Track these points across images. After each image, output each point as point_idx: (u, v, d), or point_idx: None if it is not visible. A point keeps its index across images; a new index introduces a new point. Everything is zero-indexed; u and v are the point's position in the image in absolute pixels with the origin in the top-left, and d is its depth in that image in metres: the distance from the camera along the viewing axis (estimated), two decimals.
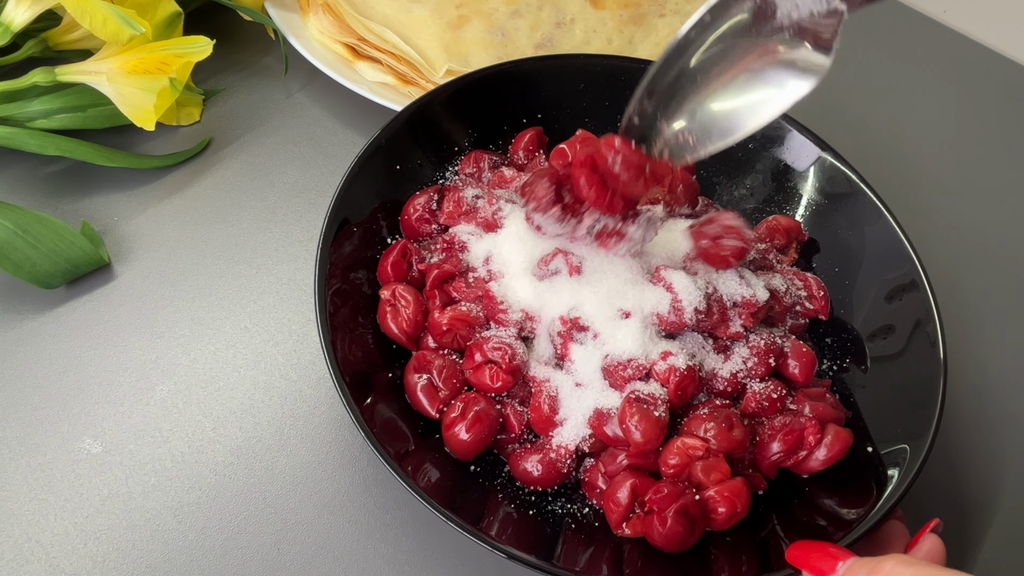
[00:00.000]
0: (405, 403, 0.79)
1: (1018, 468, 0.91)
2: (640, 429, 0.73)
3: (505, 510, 0.75)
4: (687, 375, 0.77)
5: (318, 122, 1.10)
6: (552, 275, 0.80)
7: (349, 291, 0.81)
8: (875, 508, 0.72)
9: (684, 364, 0.77)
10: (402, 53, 1.07)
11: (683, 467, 0.74)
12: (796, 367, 0.82)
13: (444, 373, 0.79)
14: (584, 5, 1.15)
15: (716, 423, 0.75)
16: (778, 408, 0.80)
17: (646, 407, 0.74)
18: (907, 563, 0.57)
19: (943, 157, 1.18)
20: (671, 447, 0.75)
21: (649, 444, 0.73)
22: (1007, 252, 1.09)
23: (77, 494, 0.80)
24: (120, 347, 0.89)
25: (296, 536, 0.80)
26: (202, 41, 0.98)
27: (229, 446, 0.84)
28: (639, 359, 0.77)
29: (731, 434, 0.75)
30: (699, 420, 0.76)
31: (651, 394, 0.75)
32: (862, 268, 0.88)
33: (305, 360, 0.90)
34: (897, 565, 0.57)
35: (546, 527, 0.75)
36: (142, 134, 1.04)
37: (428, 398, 0.77)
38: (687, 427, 0.77)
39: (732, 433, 0.75)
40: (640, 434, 0.73)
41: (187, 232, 0.98)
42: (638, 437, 0.73)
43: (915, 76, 1.29)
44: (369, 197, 0.86)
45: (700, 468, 0.73)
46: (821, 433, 0.76)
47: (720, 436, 0.74)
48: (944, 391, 0.77)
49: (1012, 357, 0.99)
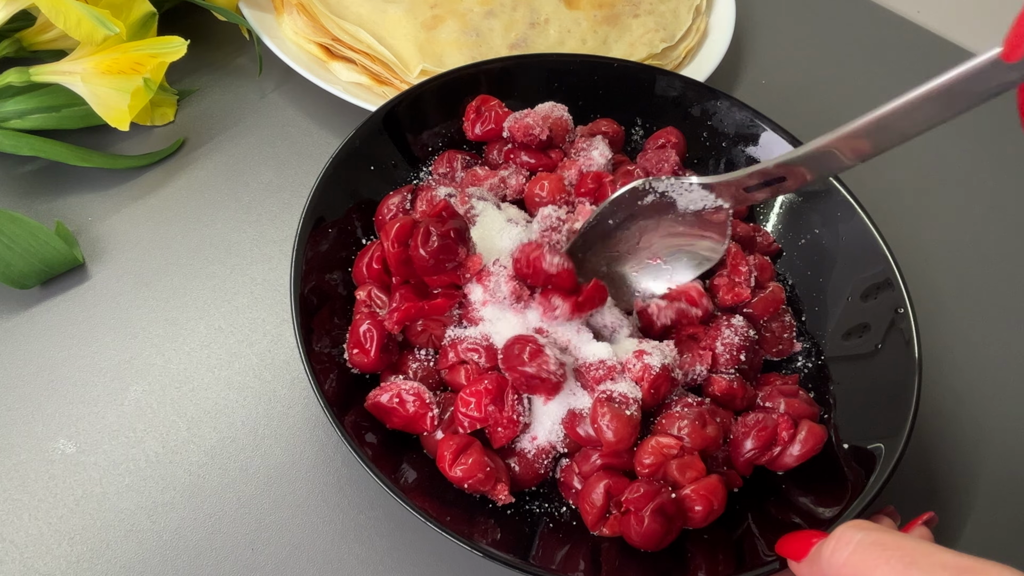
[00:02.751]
0: None
1: (993, 465, 0.92)
2: (612, 428, 0.72)
3: (482, 510, 0.75)
4: (661, 375, 0.76)
5: (292, 122, 1.10)
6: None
7: (324, 292, 0.81)
8: (851, 506, 0.72)
9: (659, 364, 0.77)
10: (376, 53, 1.07)
11: (658, 466, 0.74)
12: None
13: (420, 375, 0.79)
14: (558, 5, 1.15)
15: (690, 421, 0.75)
16: (745, 392, 0.81)
17: (617, 406, 0.74)
18: (857, 527, 0.59)
19: (917, 155, 1.19)
20: (646, 446, 0.74)
21: (621, 443, 0.73)
22: (981, 250, 1.10)
23: (51, 494, 0.80)
24: (94, 347, 0.89)
25: (270, 536, 0.79)
26: (176, 41, 0.97)
27: (203, 446, 0.84)
28: (609, 360, 0.77)
29: (704, 431, 0.75)
30: (673, 418, 0.76)
31: (623, 394, 0.75)
32: (836, 267, 0.89)
33: (279, 360, 0.90)
34: (847, 530, 0.59)
35: (523, 526, 0.75)
36: (116, 134, 1.04)
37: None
38: (661, 426, 0.77)
39: (706, 430, 0.75)
40: (612, 433, 0.72)
41: (161, 232, 0.97)
42: (610, 436, 0.72)
43: (889, 76, 1.30)
44: (344, 197, 0.86)
45: (675, 467, 0.73)
46: (794, 429, 0.76)
47: (694, 434, 0.74)
48: (919, 388, 0.78)
49: (987, 354, 1.00)
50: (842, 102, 1.25)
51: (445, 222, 0.78)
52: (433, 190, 0.87)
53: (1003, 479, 0.91)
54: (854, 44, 1.35)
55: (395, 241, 0.78)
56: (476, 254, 0.80)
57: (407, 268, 0.79)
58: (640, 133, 1.00)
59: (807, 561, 0.63)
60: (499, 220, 0.85)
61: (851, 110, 1.12)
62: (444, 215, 0.78)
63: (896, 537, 0.57)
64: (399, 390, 0.76)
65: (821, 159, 0.75)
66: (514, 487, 0.76)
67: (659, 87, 0.99)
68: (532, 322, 0.79)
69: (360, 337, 0.78)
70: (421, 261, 0.77)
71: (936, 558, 0.54)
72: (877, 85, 1.28)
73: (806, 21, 1.37)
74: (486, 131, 0.93)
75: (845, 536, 0.58)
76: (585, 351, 0.78)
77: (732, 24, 1.23)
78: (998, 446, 0.93)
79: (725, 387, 0.81)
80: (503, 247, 0.83)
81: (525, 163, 0.92)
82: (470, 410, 0.75)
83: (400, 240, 0.78)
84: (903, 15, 1.40)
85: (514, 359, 0.75)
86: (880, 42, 1.36)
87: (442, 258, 0.77)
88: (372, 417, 0.77)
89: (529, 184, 0.90)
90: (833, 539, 0.59)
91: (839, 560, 0.58)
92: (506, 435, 0.76)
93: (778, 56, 1.31)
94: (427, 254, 0.77)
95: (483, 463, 0.74)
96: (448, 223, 0.78)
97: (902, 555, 0.55)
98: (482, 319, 0.80)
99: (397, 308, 0.78)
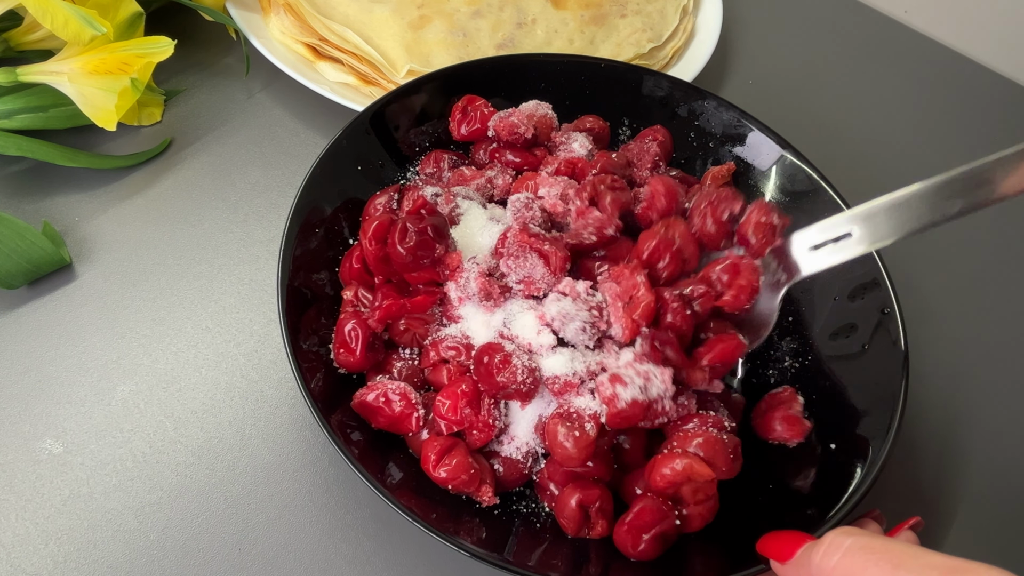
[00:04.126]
0: None
1: (980, 465, 0.92)
2: (566, 447, 0.72)
3: (468, 509, 0.75)
4: (629, 411, 0.73)
5: (279, 122, 1.10)
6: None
7: (311, 291, 0.81)
8: (837, 506, 0.72)
9: (629, 398, 0.73)
10: (363, 53, 1.07)
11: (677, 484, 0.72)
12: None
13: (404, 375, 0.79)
14: (546, 5, 1.16)
15: (724, 452, 0.73)
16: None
17: (571, 424, 0.73)
18: (846, 533, 0.59)
19: (905, 155, 1.19)
20: (674, 461, 0.72)
21: (574, 461, 0.72)
22: (969, 250, 1.10)
23: (38, 494, 0.80)
24: (81, 347, 0.89)
25: (257, 536, 0.79)
26: (163, 41, 0.97)
27: (190, 446, 0.84)
28: (565, 376, 0.76)
29: (734, 465, 0.74)
30: (703, 438, 0.74)
31: (579, 410, 0.74)
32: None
33: (267, 360, 0.90)
34: (837, 536, 0.59)
35: (509, 526, 0.75)
36: (104, 134, 1.04)
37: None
38: (687, 440, 0.74)
39: (735, 464, 0.74)
40: (563, 452, 0.72)
41: (148, 232, 0.97)
42: (563, 454, 0.72)
43: (876, 76, 1.30)
44: (331, 197, 0.86)
45: (690, 488, 0.73)
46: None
47: (724, 465, 0.73)
48: (906, 389, 0.78)
49: (974, 354, 1.00)
50: (829, 102, 1.25)
51: (423, 219, 0.78)
52: (419, 189, 0.87)
53: (990, 479, 0.91)
54: (841, 44, 1.35)
55: (372, 239, 0.78)
56: (455, 251, 0.80)
57: (386, 266, 0.79)
58: (627, 133, 1.00)
59: (793, 564, 0.63)
60: (481, 219, 0.85)
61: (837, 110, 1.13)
62: (423, 212, 0.78)
63: (884, 541, 0.58)
64: (385, 389, 0.76)
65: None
66: (499, 488, 0.76)
67: (646, 87, 0.99)
68: (496, 323, 0.79)
69: (346, 336, 0.78)
70: (399, 257, 0.78)
71: (923, 560, 0.55)
72: (864, 85, 1.29)
73: (793, 21, 1.38)
74: (472, 131, 0.93)
75: (836, 541, 0.59)
76: (545, 363, 0.77)
77: (719, 24, 1.23)
78: (985, 446, 0.93)
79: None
80: (483, 244, 0.83)
81: (510, 162, 0.92)
82: (446, 412, 0.75)
83: (378, 238, 0.78)
84: (890, 15, 1.40)
85: (483, 367, 0.75)
86: (867, 42, 1.36)
87: (420, 254, 0.78)
88: (358, 417, 0.77)
89: (515, 183, 0.90)
90: (823, 544, 0.60)
91: (828, 565, 0.59)
92: (481, 438, 0.76)
93: (765, 56, 1.31)
94: (404, 250, 0.77)
95: (467, 464, 0.74)
96: (426, 220, 0.78)
97: (890, 558, 0.56)
98: (461, 317, 0.80)
99: (379, 306, 0.78)
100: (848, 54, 1.34)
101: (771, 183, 0.93)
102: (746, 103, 0.98)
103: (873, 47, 1.35)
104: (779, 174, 0.93)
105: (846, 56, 1.33)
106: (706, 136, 0.97)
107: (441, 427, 0.76)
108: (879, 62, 1.33)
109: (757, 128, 0.94)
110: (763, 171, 0.94)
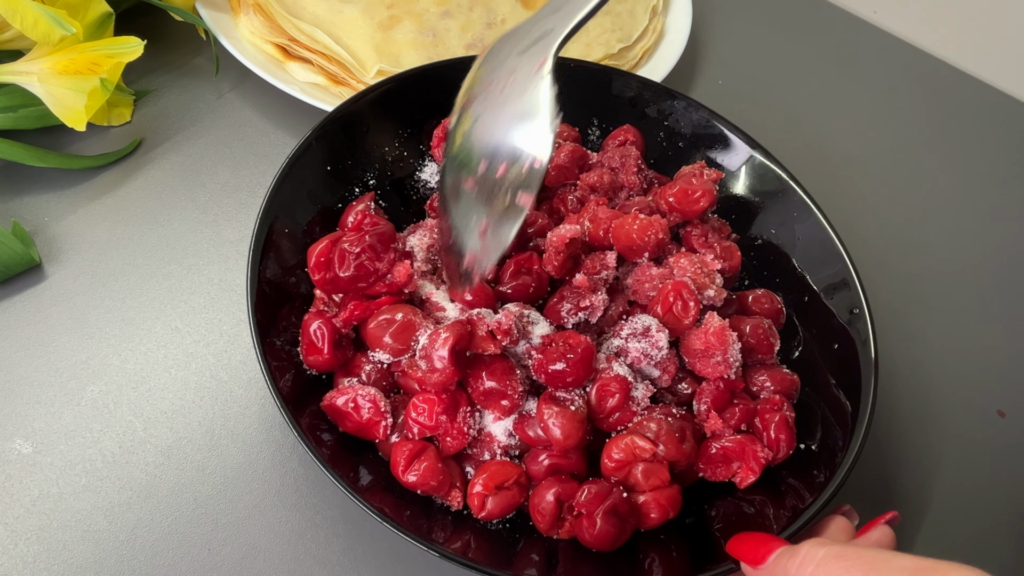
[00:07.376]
0: None
1: (950, 464, 0.93)
2: (559, 426, 0.73)
3: (439, 509, 0.75)
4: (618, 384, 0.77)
5: (249, 122, 1.10)
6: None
7: (282, 291, 0.81)
8: (807, 505, 0.73)
9: (615, 372, 0.77)
10: (333, 53, 1.07)
11: (625, 465, 0.74)
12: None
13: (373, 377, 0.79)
14: (515, 6, 1.16)
15: (668, 431, 0.75)
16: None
17: (562, 403, 0.74)
18: (820, 544, 0.61)
19: (873, 155, 1.20)
20: (619, 442, 0.75)
21: (569, 440, 0.73)
22: (938, 251, 1.11)
23: (7, 495, 0.80)
24: (51, 347, 0.89)
25: (227, 537, 0.79)
26: (133, 42, 0.97)
27: (160, 447, 0.84)
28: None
29: (681, 446, 0.75)
30: (653, 422, 0.76)
31: (565, 395, 0.76)
32: (793, 267, 0.89)
33: (236, 361, 0.90)
34: (813, 548, 0.61)
35: (480, 527, 0.75)
36: (73, 134, 1.03)
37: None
38: (639, 425, 0.76)
39: (683, 446, 0.75)
40: (559, 430, 0.73)
41: (118, 232, 0.97)
42: (557, 434, 0.73)
43: (845, 76, 1.31)
44: (300, 197, 0.86)
45: (641, 470, 0.74)
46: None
47: (670, 445, 0.75)
48: (875, 389, 0.78)
49: (943, 354, 1.01)
50: (798, 103, 1.26)
51: (363, 237, 0.78)
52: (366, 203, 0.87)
53: (960, 478, 0.92)
54: (810, 45, 1.36)
55: (315, 270, 0.79)
56: (404, 262, 0.80)
57: (337, 287, 0.80)
58: (597, 133, 1.00)
59: (765, 569, 0.64)
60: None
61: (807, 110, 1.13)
62: (364, 227, 0.79)
63: (856, 548, 0.59)
64: (356, 395, 0.76)
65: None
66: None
67: (615, 87, 0.99)
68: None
69: (312, 336, 0.78)
70: (343, 283, 0.78)
71: (895, 563, 0.56)
72: (833, 85, 1.29)
73: (762, 22, 1.38)
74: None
75: (811, 553, 0.60)
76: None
77: (689, 25, 1.24)
78: (955, 445, 0.94)
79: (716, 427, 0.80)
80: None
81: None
82: (421, 417, 0.75)
83: (321, 268, 0.79)
84: (859, 15, 1.41)
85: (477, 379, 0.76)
86: (836, 43, 1.37)
87: (359, 278, 0.79)
88: (328, 418, 0.77)
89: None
90: (799, 555, 0.61)
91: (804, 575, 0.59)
92: (455, 445, 0.76)
93: (735, 57, 1.31)
94: (346, 278, 0.78)
95: (437, 469, 0.74)
96: (365, 238, 0.78)
97: (862, 563, 0.57)
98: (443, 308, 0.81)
99: (345, 309, 0.78)
100: (817, 54, 1.34)
101: (741, 183, 0.94)
102: (716, 103, 0.98)
103: (842, 47, 1.36)
104: (748, 174, 0.93)
105: (815, 56, 1.34)
106: (676, 136, 0.98)
107: (414, 431, 0.76)
108: (848, 62, 1.34)
109: (727, 128, 0.95)
110: (733, 171, 0.94)
